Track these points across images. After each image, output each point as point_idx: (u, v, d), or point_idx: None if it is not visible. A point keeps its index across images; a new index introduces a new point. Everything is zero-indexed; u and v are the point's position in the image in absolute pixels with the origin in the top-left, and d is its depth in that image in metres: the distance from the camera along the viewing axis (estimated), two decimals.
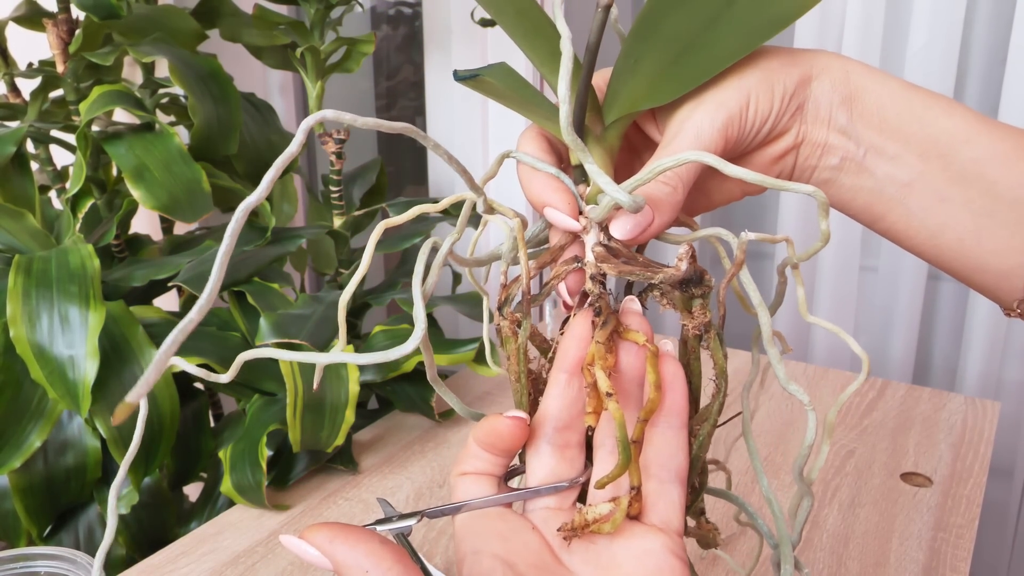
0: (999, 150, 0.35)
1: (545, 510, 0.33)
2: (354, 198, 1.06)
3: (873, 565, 0.66)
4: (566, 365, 0.33)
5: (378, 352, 0.29)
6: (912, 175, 0.36)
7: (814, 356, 1.22)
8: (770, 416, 0.89)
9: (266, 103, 1.02)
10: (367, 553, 0.29)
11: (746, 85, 0.35)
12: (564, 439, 0.33)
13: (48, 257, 0.76)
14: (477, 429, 0.33)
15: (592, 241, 0.34)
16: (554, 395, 0.33)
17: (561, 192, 0.34)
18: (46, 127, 0.88)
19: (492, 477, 0.33)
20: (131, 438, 0.75)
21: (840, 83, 0.36)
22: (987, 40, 1.11)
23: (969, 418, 0.89)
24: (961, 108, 0.36)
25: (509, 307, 0.34)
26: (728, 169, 0.29)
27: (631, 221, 0.33)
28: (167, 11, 0.92)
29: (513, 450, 0.33)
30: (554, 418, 0.33)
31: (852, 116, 0.36)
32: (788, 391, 0.33)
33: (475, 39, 1.20)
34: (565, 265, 0.35)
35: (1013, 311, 0.37)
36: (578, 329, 0.33)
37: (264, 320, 0.79)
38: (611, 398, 0.30)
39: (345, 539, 0.29)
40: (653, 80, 0.35)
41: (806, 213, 1.19)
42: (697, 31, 0.35)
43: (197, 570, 0.66)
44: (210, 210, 0.82)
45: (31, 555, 0.48)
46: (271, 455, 0.76)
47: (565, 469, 0.33)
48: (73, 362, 0.72)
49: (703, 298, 0.33)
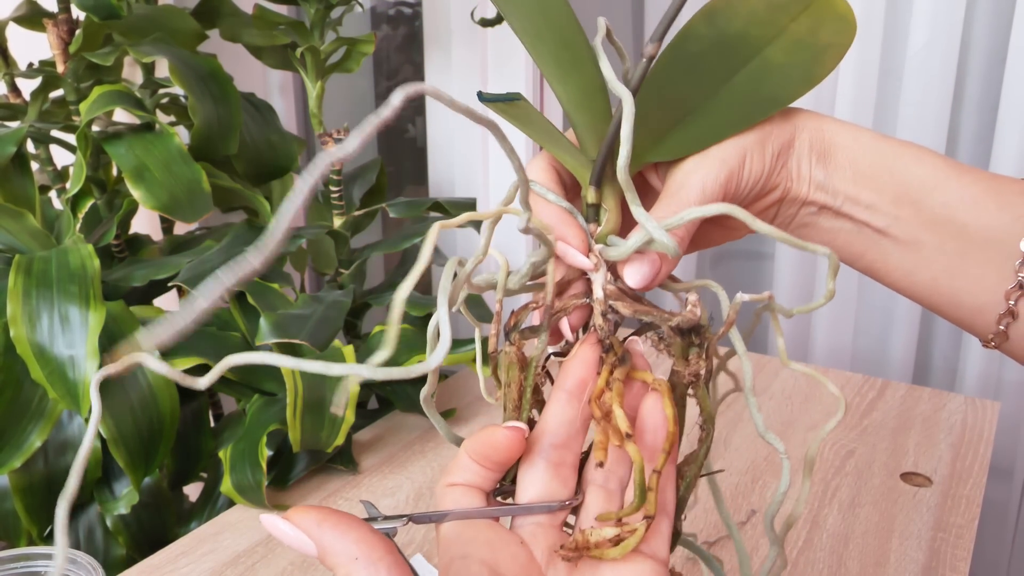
0: (968, 195, 0.37)
1: (534, 526, 0.33)
2: (354, 198, 1.05)
3: (873, 565, 0.66)
4: (568, 385, 0.33)
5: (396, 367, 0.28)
6: (887, 220, 0.38)
7: (814, 356, 1.22)
8: (770, 416, 0.89)
9: (266, 103, 1.02)
10: (357, 540, 0.28)
11: (744, 145, 0.37)
12: (560, 457, 0.33)
13: (48, 257, 0.76)
14: (471, 440, 0.33)
15: (601, 279, 0.35)
16: (554, 412, 0.33)
17: (574, 228, 0.35)
18: (46, 127, 0.88)
19: (480, 491, 0.33)
20: (131, 437, 0.75)
21: (816, 140, 0.38)
22: (987, 40, 1.10)
23: (969, 418, 0.89)
24: (931, 155, 0.38)
25: (516, 333, 0.35)
26: (755, 225, 0.32)
27: (648, 267, 0.35)
28: (167, 11, 0.92)
29: (506, 463, 0.33)
30: (552, 434, 0.33)
31: (828, 171, 0.38)
32: (766, 440, 0.35)
33: (475, 39, 1.20)
34: (574, 299, 0.35)
35: (989, 344, 0.39)
36: (585, 354, 0.33)
37: (264, 320, 0.79)
38: (630, 439, 0.30)
39: (335, 524, 0.28)
40: (661, 137, 0.38)
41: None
42: (701, 99, 0.39)
43: (197, 570, 0.66)
44: (210, 210, 0.82)
45: (31, 555, 0.48)
46: (271, 455, 0.76)
47: (558, 487, 0.33)
48: (73, 362, 0.72)
49: (700, 347, 0.34)
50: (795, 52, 0.39)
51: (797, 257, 1.21)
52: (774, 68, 0.39)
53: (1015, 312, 0.37)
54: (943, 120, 1.09)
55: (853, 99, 1.10)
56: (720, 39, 0.40)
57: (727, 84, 0.39)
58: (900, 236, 0.38)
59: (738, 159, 0.37)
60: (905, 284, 0.40)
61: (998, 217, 0.37)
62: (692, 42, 0.40)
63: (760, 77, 0.39)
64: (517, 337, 0.35)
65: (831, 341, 1.21)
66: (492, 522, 0.32)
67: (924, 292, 0.39)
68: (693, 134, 0.37)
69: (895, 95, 1.12)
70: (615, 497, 0.33)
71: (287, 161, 1.01)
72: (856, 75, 1.10)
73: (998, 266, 0.37)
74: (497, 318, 0.35)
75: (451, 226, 0.32)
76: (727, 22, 0.40)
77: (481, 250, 0.34)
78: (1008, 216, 0.37)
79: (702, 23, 0.40)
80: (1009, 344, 0.39)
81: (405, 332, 0.89)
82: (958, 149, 1.15)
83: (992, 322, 0.38)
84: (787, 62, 0.39)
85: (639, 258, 0.35)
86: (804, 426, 0.87)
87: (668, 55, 0.40)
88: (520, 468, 0.33)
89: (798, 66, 0.39)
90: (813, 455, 0.36)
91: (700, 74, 0.39)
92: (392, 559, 0.28)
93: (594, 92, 0.36)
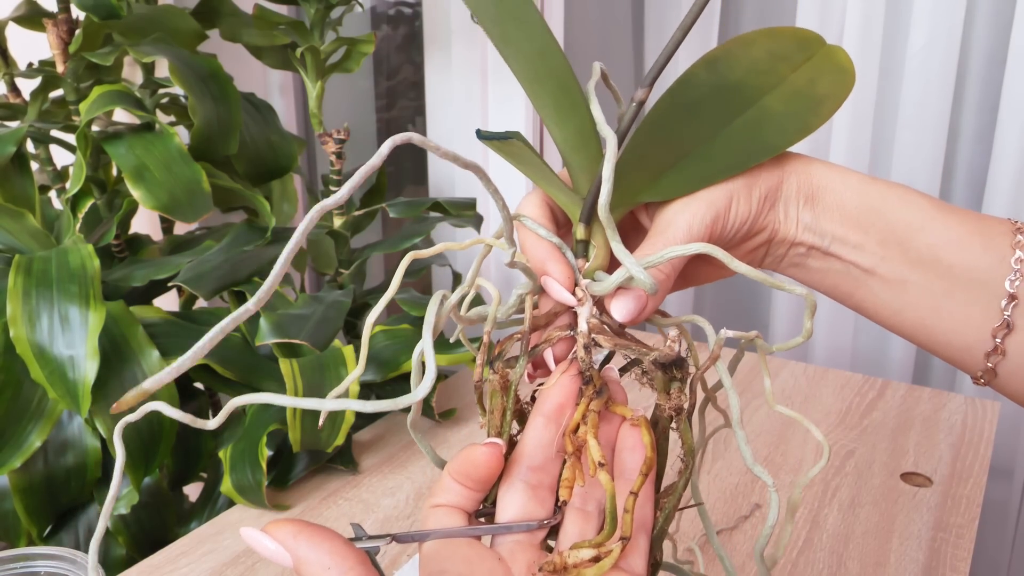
0: (953, 235, 0.38)
1: (513, 544, 0.34)
2: (354, 198, 1.05)
3: (873, 565, 0.66)
4: (545, 410, 0.34)
5: (385, 400, 0.30)
6: (874, 261, 0.39)
7: (814, 356, 1.22)
8: (770, 416, 0.89)
9: (266, 103, 1.02)
10: (330, 551, 0.29)
11: (731, 189, 0.38)
12: (537, 479, 0.34)
13: (48, 257, 0.76)
14: (453, 461, 0.34)
15: (586, 313, 0.36)
16: (531, 436, 0.34)
17: (561, 264, 0.37)
18: (46, 127, 0.88)
19: (463, 512, 0.34)
20: (131, 437, 0.75)
21: (804, 184, 0.39)
22: (987, 40, 1.10)
23: (969, 418, 0.89)
24: (918, 196, 0.39)
25: (500, 362, 0.36)
26: (733, 265, 0.33)
27: (633, 303, 0.35)
28: (167, 11, 0.92)
29: (487, 481, 0.34)
30: (529, 456, 0.34)
31: (815, 213, 0.39)
32: (754, 472, 0.35)
33: (475, 39, 1.20)
34: (559, 331, 0.36)
35: (979, 381, 0.40)
36: (564, 381, 0.35)
37: (264, 320, 0.79)
38: (603, 468, 0.31)
39: (310, 536, 0.29)
40: (656, 177, 0.39)
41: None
42: (697, 143, 0.40)
43: (197, 570, 0.66)
44: (210, 210, 0.82)
45: (31, 555, 0.48)
46: (271, 455, 0.76)
47: (535, 508, 0.34)
48: (73, 362, 0.72)
49: (681, 382, 0.35)
50: (793, 102, 0.40)
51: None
52: (771, 117, 0.40)
53: (1003, 350, 0.38)
54: (943, 120, 1.09)
55: (853, 100, 1.10)
56: (720, 86, 0.41)
57: (724, 129, 0.40)
58: (887, 275, 0.39)
59: (725, 201, 0.38)
60: (894, 322, 0.41)
61: (983, 257, 0.38)
62: (692, 88, 0.41)
63: (757, 125, 0.40)
64: (500, 366, 0.36)
65: (831, 341, 1.21)
66: (472, 540, 0.33)
67: (912, 330, 0.40)
68: (687, 176, 0.38)
69: (895, 95, 1.12)
70: (592, 519, 0.34)
71: (287, 161, 1.01)
72: (856, 75, 1.10)
73: (984, 305, 0.38)
74: (484, 348, 0.36)
75: (425, 256, 0.34)
76: (728, 70, 0.41)
77: (468, 282, 0.36)
78: (993, 256, 0.38)
79: (703, 70, 0.41)
80: (999, 381, 0.40)
81: (404, 332, 0.89)
82: (958, 149, 1.15)
83: (981, 360, 0.39)
84: (784, 111, 0.40)
85: (625, 294, 0.36)
86: (802, 428, 0.87)
87: (668, 99, 0.40)
88: (499, 489, 0.35)
89: (795, 116, 0.40)
90: (797, 500, 0.37)
91: (698, 119, 0.40)
92: (363, 569, 0.29)
93: (588, 135, 0.37)
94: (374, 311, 0.34)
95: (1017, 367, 0.38)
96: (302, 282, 1.10)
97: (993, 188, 1.07)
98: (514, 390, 0.35)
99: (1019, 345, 0.38)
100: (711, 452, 0.81)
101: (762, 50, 0.41)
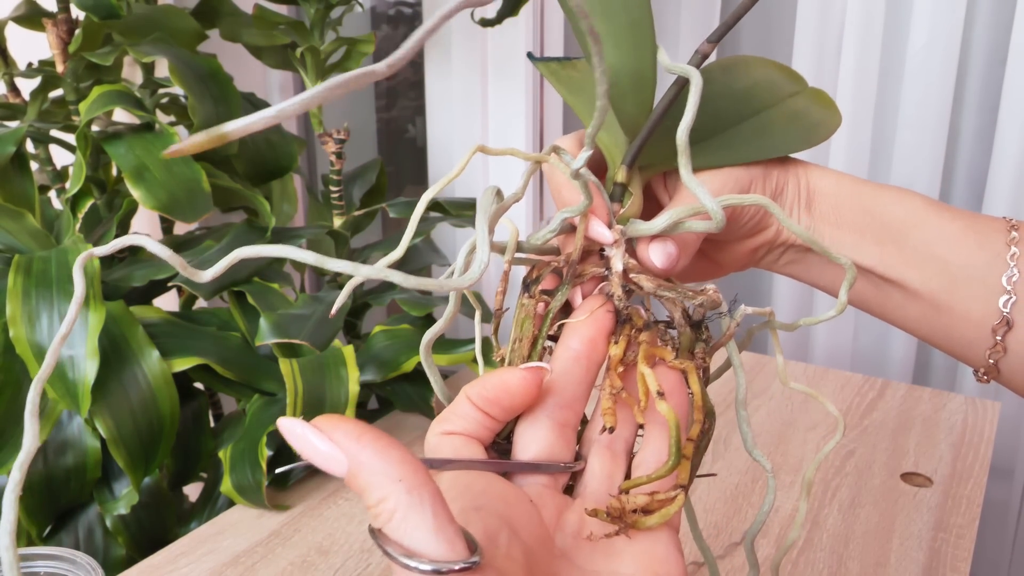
0: (947, 232, 0.39)
1: (540, 487, 0.31)
2: (354, 198, 1.05)
3: (873, 565, 0.66)
4: (575, 344, 0.32)
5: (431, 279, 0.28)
6: (872, 259, 0.40)
7: (814, 356, 1.22)
8: (770, 416, 0.89)
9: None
10: (400, 460, 0.24)
11: (751, 173, 0.39)
12: (564, 417, 0.32)
13: (48, 257, 0.76)
14: (475, 385, 0.30)
15: (620, 254, 0.35)
16: (561, 371, 0.32)
17: (599, 202, 0.35)
18: (46, 127, 0.88)
19: (478, 443, 0.30)
20: (131, 437, 0.75)
21: (803, 189, 0.41)
22: (987, 40, 1.10)
23: (969, 418, 0.89)
24: (911, 196, 0.40)
25: (537, 286, 0.34)
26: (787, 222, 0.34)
27: (673, 248, 0.35)
28: (167, 11, 0.92)
29: (515, 411, 0.31)
30: (558, 393, 0.31)
31: (812, 216, 0.40)
32: (752, 456, 0.35)
33: (475, 39, 1.20)
34: (595, 267, 0.35)
35: (981, 378, 0.40)
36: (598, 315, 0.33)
37: (264, 320, 0.78)
38: (662, 398, 0.29)
39: (375, 439, 0.24)
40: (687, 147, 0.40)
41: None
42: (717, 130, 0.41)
43: (197, 570, 0.66)
44: (210, 210, 0.82)
45: (31, 555, 0.48)
46: (271, 455, 0.76)
47: (561, 448, 0.31)
48: (73, 362, 0.72)
49: (706, 343, 0.35)
50: (792, 121, 0.42)
51: None
52: (775, 128, 0.42)
53: (1003, 347, 0.38)
54: (943, 120, 1.09)
55: (854, 100, 1.10)
56: (730, 90, 0.42)
57: (736, 127, 0.42)
58: (886, 274, 0.40)
59: (747, 182, 0.39)
60: (897, 317, 0.41)
61: (978, 254, 0.38)
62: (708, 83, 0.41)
63: (763, 131, 0.41)
64: (537, 289, 0.33)
65: (831, 341, 1.21)
66: (498, 476, 0.30)
67: (915, 326, 0.41)
68: (710, 154, 0.40)
69: (895, 95, 1.12)
70: (620, 459, 0.32)
71: (287, 161, 1.01)
72: (856, 75, 1.10)
73: (983, 302, 0.38)
74: (505, 277, 0.34)
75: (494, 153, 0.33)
76: (736, 79, 0.43)
77: (520, 189, 0.35)
78: (988, 253, 0.38)
79: (718, 70, 0.43)
80: (1002, 377, 0.39)
81: (405, 332, 0.89)
82: (958, 149, 1.15)
83: (983, 355, 0.39)
84: (786, 127, 0.42)
85: (664, 239, 0.35)
86: (804, 426, 0.87)
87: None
88: (520, 424, 0.31)
89: (795, 131, 0.42)
90: (810, 478, 0.36)
91: (715, 110, 0.42)
92: (435, 488, 0.24)
93: (644, 82, 0.37)
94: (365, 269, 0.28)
95: (1019, 363, 0.38)
96: (302, 282, 1.10)
97: (993, 188, 1.07)
98: (550, 319, 0.33)
99: (1019, 342, 0.38)
100: (711, 452, 0.81)
101: (761, 73, 0.44)
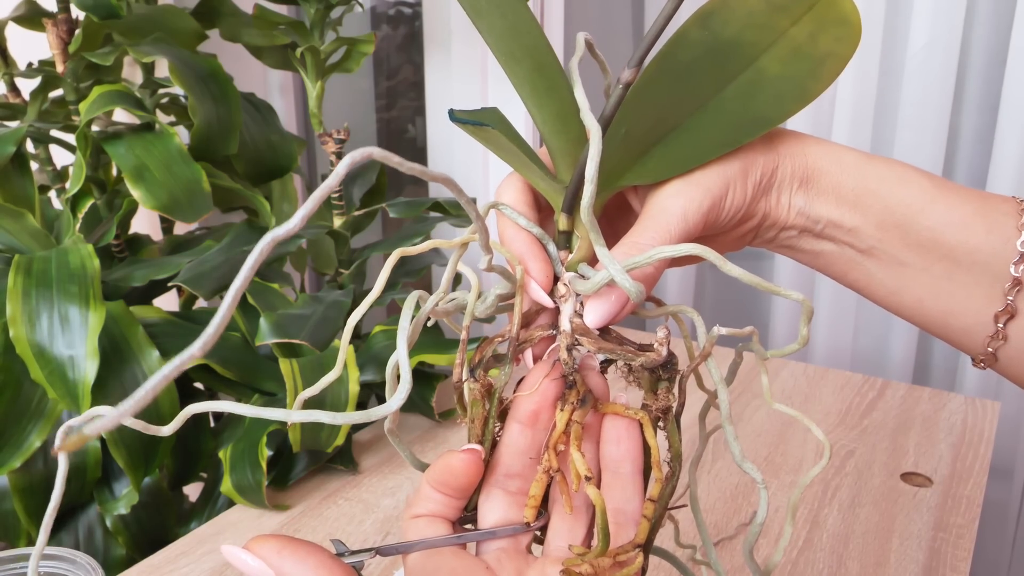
0: (956, 216, 0.37)
1: (499, 551, 0.33)
2: (354, 198, 1.05)
3: (873, 565, 0.66)
4: (520, 415, 0.33)
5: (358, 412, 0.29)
6: (871, 243, 0.38)
7: (814, 356, 1.22)
8: (770, 416, 0.89)
9: (266, 103, 1.02)
10: (316, 566, 0.28)
11: (728, 174, 0.36)
12: (516, 486, 0.34)
13: (48, 257, 0.76)
14: (431, 470, 0.33)
15: (569, 312, 0.34)
16: (507, 443, 0.34)
17: (540, 261, 0.34)
18: (46, 127, 0.88)
19: (445, 520, 0.33)
20: (131, 437, 0.75)
21: (799, 167, 0.38)
22: (987, 40, 1.10)
23: (969, 418, 0.89)
24: (917, 175, 0.37)
25: (481, 369, 0.34)
26: (726, 268, 0.31)
27: (609, 307, 0.34)
28: (167, 11, 0.92)
29: (467, 488, 0.33)
30: (506, 464, 0.34)
31: (809, 197, 0.38)
32: (743, 469, 0.34)
33: (475, 39, 1.20)
34: (540, 330, 0.35)
35: (979, 364, 0.39)
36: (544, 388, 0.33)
37: (264, 320, 0.79)
38: (589, 482, 0.30)
39: (294, 551, 0.28)
40: (641, 155, 0.37)
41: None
42: (686, 114, 0.37)
43: (197, 570, 0.66)
44: (210, 210, 0.82)
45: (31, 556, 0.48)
46: (271, 455, 0.76)
47: (516, 514, 0.33)
48: (73, 362, 0.72)
49: (669, 382, 0.34)
50: (792, 62, 0.37)
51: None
52: (767, 81, 0.37)
53: (1004, 335, 0.37)
54: (943, 120, 1.09)
55: (853, 100, 1.10)
56: (713, 46, 0.38)
57: (716, 97, 0.37)
58: (884, 257, 0.38)
59: (722, 189, 0.36)
60: (891, 302, 0.39)
61: (987, 240, 0.36)
62: (683, 49, 0.38)
63: (751, 91, 0.37)
64: (482, 373, 0.34)
65: (831, 341, 1.21)
66: (458, 550, 0.33)
67: (910, 311, 0.39)
68: (675, 154, 0.36)
69: (895, 95, 1.12)
70: (581, 515, 0.34)
71: (287, 161, 1.01)
72: (856, 75, 1.10)
73: (987, 289, 0.36)
74: (462, 347, 0.34)
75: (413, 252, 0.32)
76: (722, 25, 0.38)
77: (443, 286, 0.34)
78: (997, 238, 0.36)
79: (695, 27, 0.38)
80: (999, 365, 0.38)
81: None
82: (958, 149, 1.15)
83: (981, 343, 0.38)
84: (782, 74, 0.37)
85: (602, 296, 0.33)
86: (804, 426, 0.87)
87: (655, 66, 0.38)
88: (479, 498, 0.34)
89: (793, 79, 0.37)
90: (796, 501, 0.35)
91: (689, 86, 0.38)
92: None
93: (569, 116, 0.34)
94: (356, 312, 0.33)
95: (1019, 352, 0.37)
96: (302, 282, 1.10)
97: (993, 188, 1.07)
98: (497, 397, 0.34)
99: (1021, 331, 0.37)
100: (711, 452, 0.81)
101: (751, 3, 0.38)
